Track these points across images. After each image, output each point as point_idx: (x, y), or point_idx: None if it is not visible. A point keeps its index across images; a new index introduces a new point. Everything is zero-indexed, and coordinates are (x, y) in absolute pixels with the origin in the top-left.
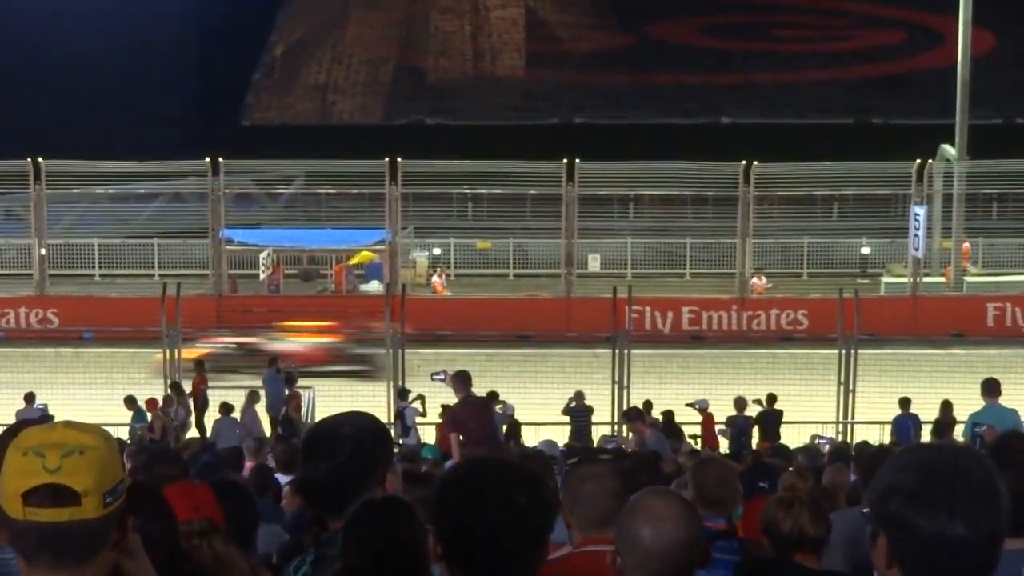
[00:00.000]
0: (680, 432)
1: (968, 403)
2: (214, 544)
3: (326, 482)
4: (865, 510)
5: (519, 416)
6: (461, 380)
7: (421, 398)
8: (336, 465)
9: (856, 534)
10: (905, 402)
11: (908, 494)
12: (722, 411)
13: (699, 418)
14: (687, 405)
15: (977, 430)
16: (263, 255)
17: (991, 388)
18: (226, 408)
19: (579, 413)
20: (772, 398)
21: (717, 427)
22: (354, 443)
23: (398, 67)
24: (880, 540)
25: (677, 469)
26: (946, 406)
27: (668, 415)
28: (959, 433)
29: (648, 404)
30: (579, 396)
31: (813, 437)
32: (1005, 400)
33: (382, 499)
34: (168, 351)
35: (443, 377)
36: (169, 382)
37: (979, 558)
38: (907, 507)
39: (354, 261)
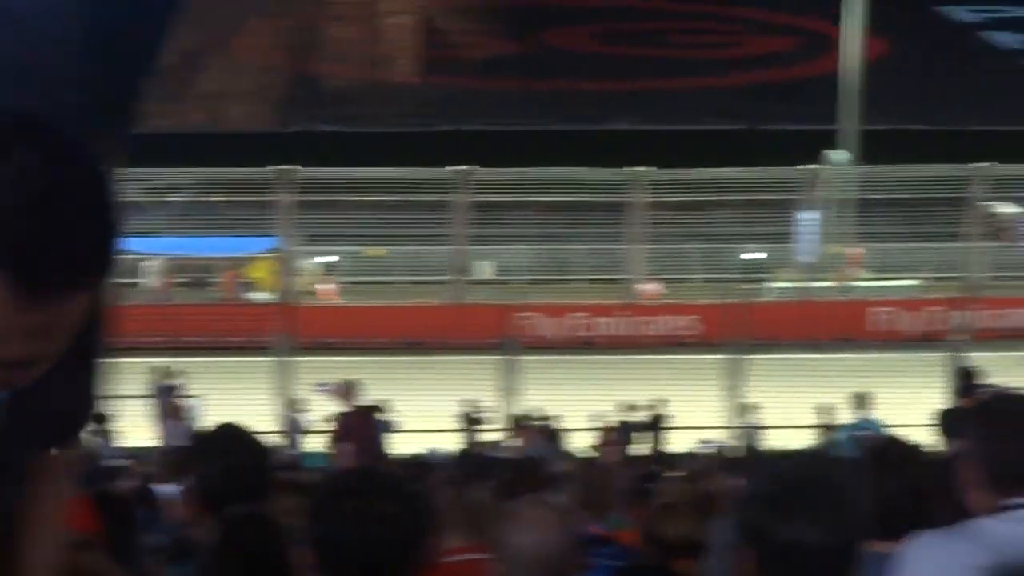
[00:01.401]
0: (564, 438)
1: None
2: (90, 559)
3: (217, 487)
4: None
5: (409, 424)
6: (347, 390)
7: (311, 409)
8: (226, 470)
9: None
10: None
11: (766, 502)
12: (610, 418)
13: (593, 424)
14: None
15: (857, 435)
16: (148, 263)
17: (861, 400)
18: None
19: (469, 420)
20: (660, 403)
21: (607, 433)
22: (242, 451)
23: (292, 74)
24: (743, 549)
25: (560, 476)
26: (825, 411)
27: (553, 421)
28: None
29: (533, 412)
30: (469, 403)
31: (700, 443)
32: (893, 402)
33: (248, 514)
34: None
35: (328, 388)
36: None
37: (836, 564)
38: (764, 514)
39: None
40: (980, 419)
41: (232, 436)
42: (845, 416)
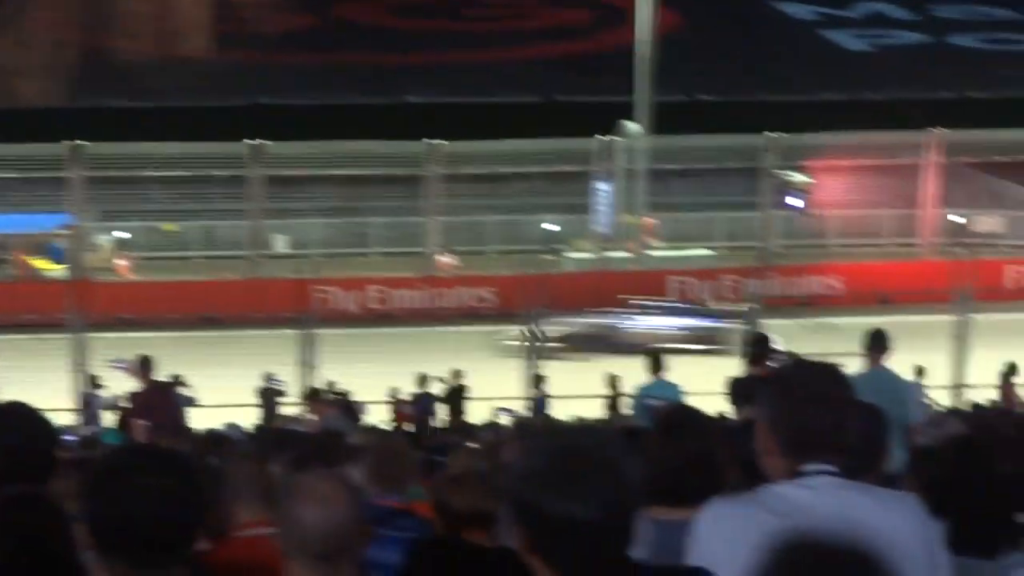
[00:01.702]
0: (360, 411)
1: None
2: None
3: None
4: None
5: (206, 399)
6: (143, 366)
7: (108, 386)
8: (8, 447)
9: None
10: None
11: (536, 478)
12: (408, 390)
13: (390, 397)
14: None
15: (650, 403)
16: None
17: (655, 364)
18: None
19: (269, 395)
20: (457, 374)
21: (401, 405)
22: (18, 432)
23: (83, 49)
24: (517, 526)
25: (356, 448)
26: (613, 380)
27: (347, 394)
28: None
29: (330, 385)
30: (269, 378)
31: (497, 411)
32: (679, 371)
33: (21, 495)
34: None
35: (123, 365)
36: None
37: (609, 536)
38: (536, 491)
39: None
40: (776, 386)
41: (10, 416)
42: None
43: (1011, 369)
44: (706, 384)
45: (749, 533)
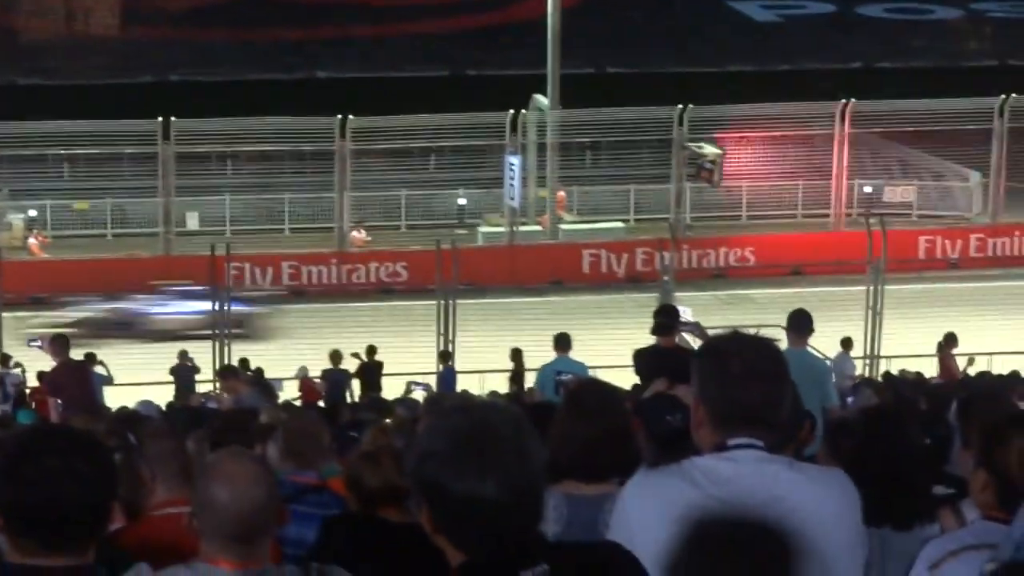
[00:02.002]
0: (273, 388)
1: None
2: None
3: None
4: None
5: (121, 377)
6: (58, 344)
7: (20, 365)
8: None
9: None
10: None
11: (439, 458)
12: (323, 366)
13: (302, 374)
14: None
15: (561, 378)
16: None
17: (562, 342)
18: None
19: (184, 371)
20: (372, 350)
21: (312, 382)
22: None
23: None
24: (423, 506)
25: (270, 426)
26: (517, 354)
27: (259, 371)
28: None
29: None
30: (183, 355)
31: (409, 384)
32: (596, 343)
33: None
34: None
35: (40, 344)
36: None
37: (515, 515)
38: (438, 471)
39: None
40: (709, 359)
41: None
42: (545, 359)
43: (948, 340)
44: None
45: (672, 505)
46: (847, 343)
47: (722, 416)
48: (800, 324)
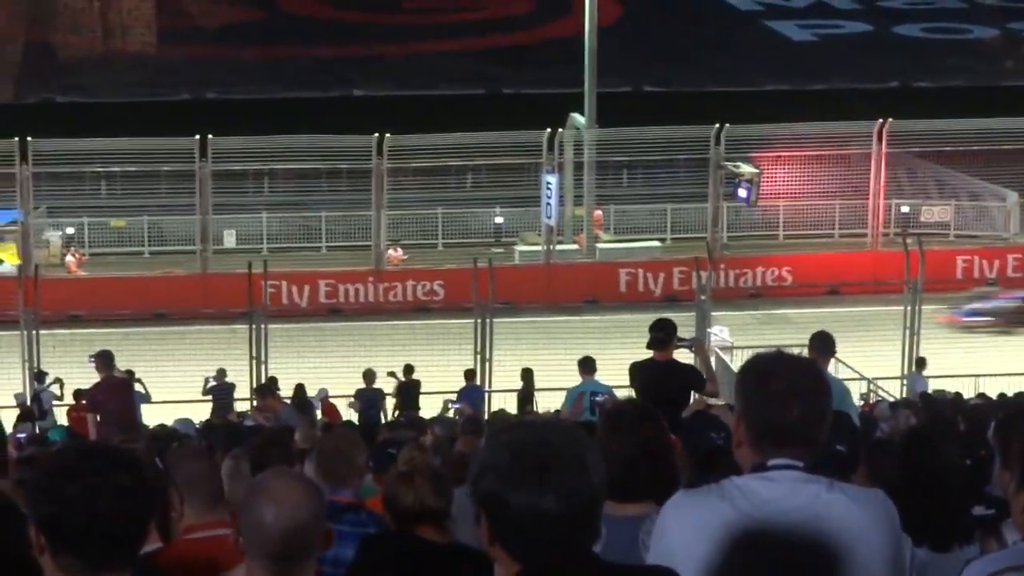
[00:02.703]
0: (311, 406)
1: (603, 368)
2: None
3: None
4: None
5: (157, 395)
6: (102, 360)
7: (59, 381)
8: None
9: None
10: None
11: (499, 471)
12: (360, 384)
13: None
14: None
15: (597, 399)
16: None
17: (587, 365)
18: None
19: (220, 391)
20: (409, 369)
21: (347, 400)
22: None
23: (27, 45)
24: (482, 518)
25: (308, 445)
26: (527, 374)
27: (299, 389)
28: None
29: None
30: (221, 373)
31: (446, 403)
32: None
33: None
34: None
35: (94, 363)
36: None
37: (573, 530)
38: (498, 483)
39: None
40: (752, 379)
41: None
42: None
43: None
44: None
45: (711, 525)
46: (921, 363)
47: (762, 435)
48: (823, 345)
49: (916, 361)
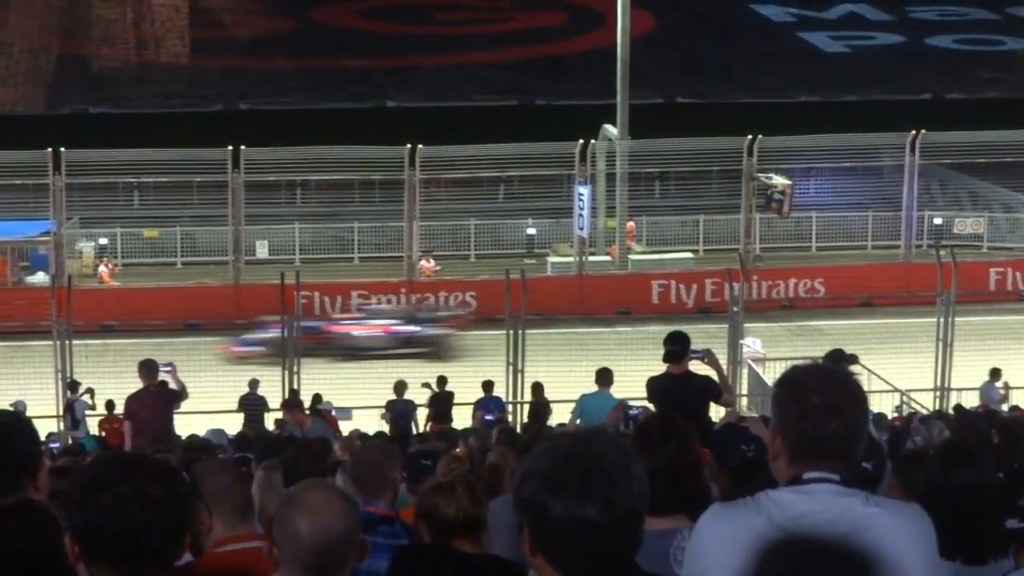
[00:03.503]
0: (327, 415)
1: (634, 380)
2: None
3: None
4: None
5: (188, 406)
6: (143, 369)
7: (91, 391)
8: None
9: None
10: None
11: (541, 478)
12: (392, 395)
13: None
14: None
15: (632, 412)
16: None
17: (604, 377)
18: None
19: (252, 402)
20: (442, 380)
21: (382, 412)
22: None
23: (60, 56)
24: (524, 527)
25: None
26: (537, 388)
27: (316, 398)
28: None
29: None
30: (253, 384)
31: (479, 414)
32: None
33: (13, 505)
34: None
35: (170, 369)
36: None
37: (615, 539)
38: (540, 491)
39: None
40: (789, 392)
41: None
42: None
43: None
44: None
45: (747, 539)
46: (995, 373)
47: (799, 449)
48: (836, 360)
49: (990, 371)
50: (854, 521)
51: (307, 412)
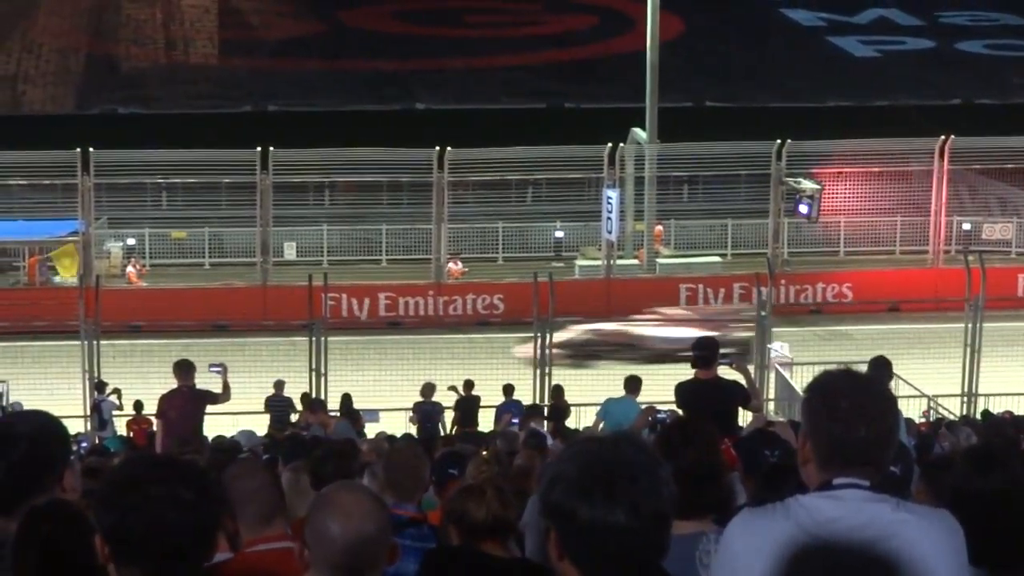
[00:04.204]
0: (359, 417)
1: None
2: None
3: (2, 481)
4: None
5: (215, 407)
6: (178, 370)
7: (117, 392)
8: (11, 463)
9: None
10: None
11: (568, 483)
12: (419, 398)
13: (401, 405)
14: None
15: (659, 417)
16: None
17: (633, 384)
18: None
19: (278, 403)
20: (469, 384)
21: (409, 415)
22: (30, 441)
23: (90, 56)
24: (551, 531)
25: (368, 458)
26: (557, 391)
27: (346, 399)
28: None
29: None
30: (279, 385)
31: (503, 418)
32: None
33: (46, 505)
34: None
35: (219, 369)
36: None
37: (642, 543)
38: (567, 496)
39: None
40: (818, 397)
41: (27, 425)
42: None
43: None
44: None
45: (776, 544)
46: None
47: (828, 454)
48: (879, 367)
49: None
50: (883, 527)
51: (330, 413)
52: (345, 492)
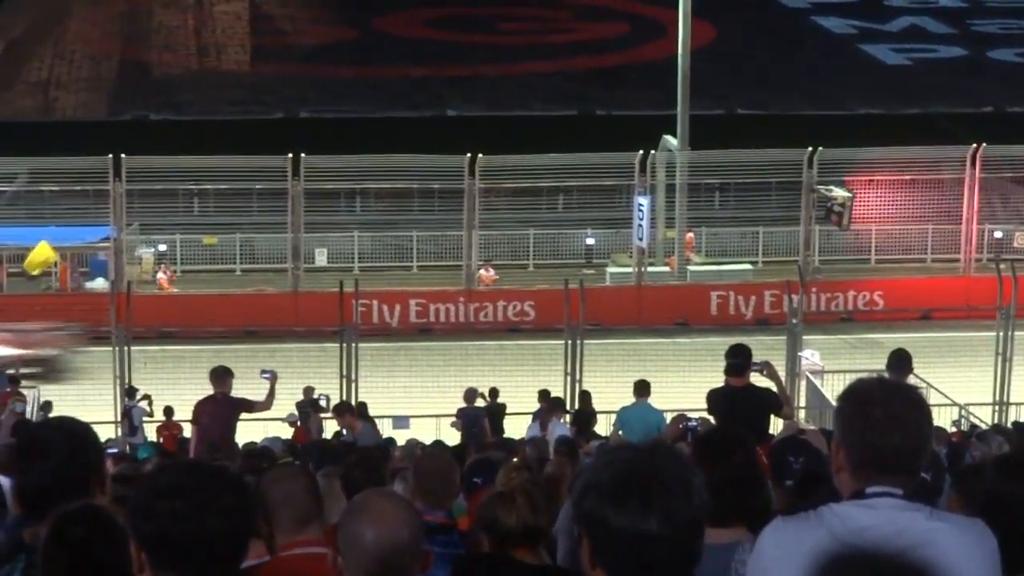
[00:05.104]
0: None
1: (692, 391)
2: None
3: (39, 485)
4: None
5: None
6: (213, 376)
7: (148, 398)
8: (48, 469)
9: None
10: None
11: (602, 491)
12: (450, 404)
13: (432, 411)
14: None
15: (691, 425)
16: None
17: (641, 388)
18: None
19: (309, 408)
20: (494, 392)
21: (450, 420)
22: (65, 448)
23: (121, 62)
24: (584, 539)
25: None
26: (585, 397)
27: (362, 407)
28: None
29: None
30: (308, 391)
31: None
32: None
33: (79, 509)
34: None
35: (269, 376)
36: None
37: (675, 552)
38: (600, 503)
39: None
40: (852, 405)
41: (60, 431)
42: (668, 402)
43: None
44: None
45: (809, 553)
46: None
47: (862, 462)
48: (899, 364)
49: None
50: (916, 535)
51: (356, 417)
52: (379, 498)
